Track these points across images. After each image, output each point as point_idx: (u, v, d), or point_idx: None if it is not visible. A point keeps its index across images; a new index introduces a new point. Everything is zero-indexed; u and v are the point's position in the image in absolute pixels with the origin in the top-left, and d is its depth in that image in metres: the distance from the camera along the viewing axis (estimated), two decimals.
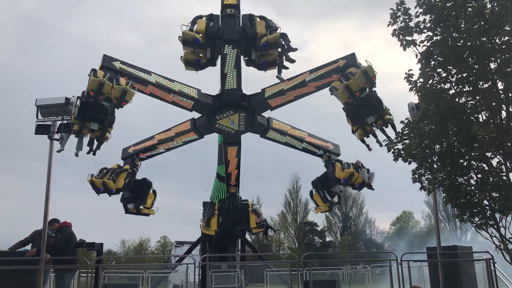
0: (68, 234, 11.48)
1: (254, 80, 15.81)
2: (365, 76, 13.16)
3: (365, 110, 13.69)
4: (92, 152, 13.68)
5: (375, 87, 13.51)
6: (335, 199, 15.97)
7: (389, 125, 13.66)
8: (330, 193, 15.86)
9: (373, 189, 15.18)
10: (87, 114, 13.02)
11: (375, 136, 13.92)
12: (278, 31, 13.29)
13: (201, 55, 13.70)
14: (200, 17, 13.57)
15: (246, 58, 14.04)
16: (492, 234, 8.89)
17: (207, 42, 13.11)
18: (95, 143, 13.70)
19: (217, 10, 14.35)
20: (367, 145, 14.20)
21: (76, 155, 13.31)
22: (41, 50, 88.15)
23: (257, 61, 13.42)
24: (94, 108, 13.07)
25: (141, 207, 15.55)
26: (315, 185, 16.25)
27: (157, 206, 16.08)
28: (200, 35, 13.19)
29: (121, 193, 15.12)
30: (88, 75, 12.92)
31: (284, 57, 13.85)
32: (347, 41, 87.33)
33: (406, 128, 9.57)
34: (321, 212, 16.77)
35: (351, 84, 13.11)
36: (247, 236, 20.10)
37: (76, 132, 13.09)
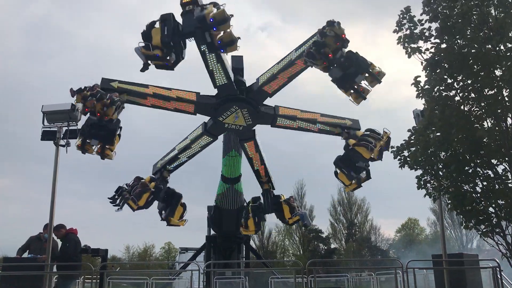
0: (75, 241, 11.54)
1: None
2: (335, 36, 12.85)
3: (351, 72, 13.24)
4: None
5: (347, 44, 13.11)
6: (363, 174, 15.20)
7: (382, 79, 13.28)
8: (355, 169, 15.18)
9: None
10: (89, 132, 13.30)
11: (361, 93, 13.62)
12: (223, 7, 12.93)
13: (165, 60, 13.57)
14: (153, 24, 13.21)
15: (206, 48, 13.44)
16: (498, 242, 8.84)
17: (167, 50, 13.06)
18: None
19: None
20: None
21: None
22: (49, 55, 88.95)
23: (215, 44, 13.05)
24: (96, 126, 13.26)
25: (169, 218, 16.05)
26: (337, 164, 15.47)
27: (186, 219, 16.55)
28: (158, 49, 13.02)
29: (155, 202, 15.79)
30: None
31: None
32: (354, 47, 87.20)
33: (412, 136, 9.55)
34: (352, 191, 16.19)
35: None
36: (252, 243, 20.10)
37: (80, 148, 13.28)
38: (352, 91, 13.54)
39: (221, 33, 12.79)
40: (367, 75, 13.20)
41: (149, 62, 13.24)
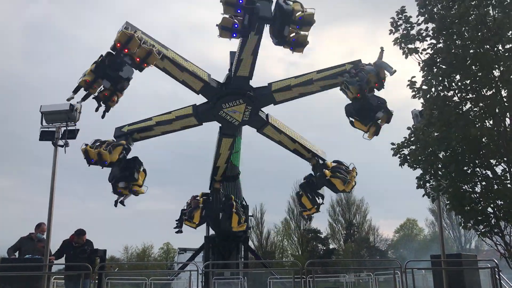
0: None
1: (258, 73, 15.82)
2: (377, 76, 13.26)
3: (371, 108, 13.96)
4: (102, 115, 13.62)
5: (383, 88, 13.59)
6: (379, 114, 15.15)
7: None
8: (317, 195, 16.11)
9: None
10: (104, 72, 12.87)
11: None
12: (314, 11, 13.11)
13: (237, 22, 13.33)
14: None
15: (275, 39, 13.57)
16: (497, 242, 8.84)
17: (248, 6, 12.80)
18: (101, 104, 13.58)
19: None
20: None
21: (68, 100, 12.70)
22: (48, 56, 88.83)
23: (288, 39, 13.17)
24: (114, 67, 12.90)
25: (131, 184, 15.16)
26: (303, 188, 16.40)
27: (147, 186, 15.56)
28: (238, 7, 12.91)
29: (110, 169, 14.90)
30: (118, 32, 12.74)
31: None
32: (354, 48, 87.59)
33: (412, 135, 9.55)
34: (310, 215, 16.83)
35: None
36: (250, 243, 20.07)
37: (87, 84, 12.89)
38: (369, 126, 14.05)
39: (297, 33, 13.05)
40: (383, 113, 13.78)
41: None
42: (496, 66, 8.58)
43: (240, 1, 12.69)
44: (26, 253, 11.23)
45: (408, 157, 9.34)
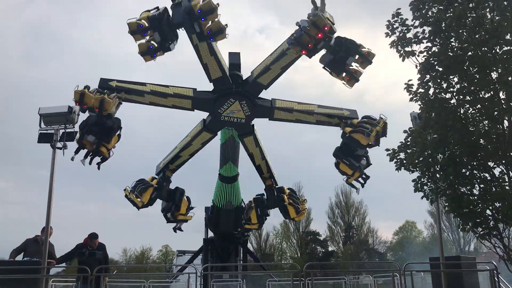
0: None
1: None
2: (315, 27, 13.08)
3: (342, 55, 13.59)
4: (87, 162, 14.09)
5: (333, 34, 13.33)
6: (363, 161, 15.49)
7: (372, 60, 13.61)
8: (355, 158, 15.44)
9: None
10: (158, 25, 13.37)
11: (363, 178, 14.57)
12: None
13: (152, 42, 13.85)
14: (147, 11, 13.73)
15: (196, 38, 13.69)
16: (496, 244, 8.84)
17: (151, 25, 13.41)
18: (90, 156, 14.14)
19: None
20: (357, 188, 14.67)
21: (72, 159, 13.62)
22: (47, 59, 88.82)
23: (204, 33, 13.33)
24: (96, 123, 13.42)
25: (176, 214, 16.33)
26: (337, 155, 15.73)
27: (193, 212, 16.82)
28: (143, 20, 13.44)
29: (160, 203, 16.21)
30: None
31: None
32: None
33: (409, 138, 9.55)
34: (355, 180, 16.08)
35: (300, 38, 13.18)
36: (249, 246, 20.07)
37: (77, 140, 13.38)
38: (344, 74, 13.84)
39: (209, 23, 13.10)
40: (357, 57, 13.50)
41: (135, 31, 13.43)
42: (494, 68, 8.59)
43: (141, 25, 13.26)
44: (31, 255, 11.22)
45: (404, 161, 9.33)
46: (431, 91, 9.00)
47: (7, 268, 10.70)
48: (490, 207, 8.66)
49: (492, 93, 8.62)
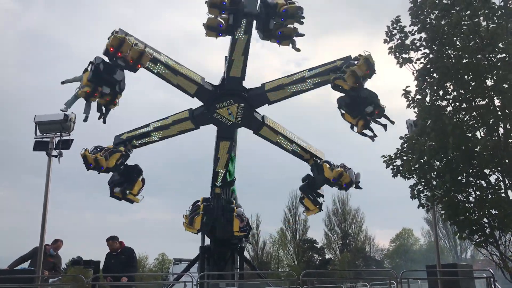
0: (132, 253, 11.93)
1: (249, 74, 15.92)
2: (366, 63, 13.33)
3: (362, 102, 13.85)
4: (102, 119, 13.69)
5: (375, 73, 13.61)
6: (322, 199, 16.21)
7: (383, 116, 13.80)
8: (317, 194, 16.05)
9: (360, 188, 15.46)
10: (100, 78, 12.97)
11: (370, 129, 14.18)
12: (297, 3, 13.37)
13: (223, 21, 13.63)
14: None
15: (261, 33, 13.82)
16: (492, 252, 8.83)
17: (232, 7, 13.12)
18: (103, 109, 13.67)
19: None
20: (370, 136, 14.35)
21: (85, 120, 13.11)
22: (43, 65, 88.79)
23: (274, 32, 13.42)
24: (108, 72, 13.04)
25: (127, 192, 15.27)
26: (304, 190, 16.36)
27: (142, 195, 15.70)
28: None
29: (110, 173, 15.03)
30: (108, 38, 12.92)
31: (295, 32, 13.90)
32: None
33: (405, 144, 9.57)
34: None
35: (356, 69, 13.29)
36: (246, 253, 19.93)
37: (87, 95, 12.95)
38: (358, 118, 14.02)
39: (283, 26, 13.24)
40: (374, 107, 13.73)
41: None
42: (489, 76, 8.64)
43: (224, 3, 12.96)
44: (35, 265, 11.10)
45: (400, 168, 9.35)
46: (427, 98, 9.04)
47: (1, 277, 10.60)
48: (487, 215, 8.67)
49: (487, 100, 8.67)
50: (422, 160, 8.99)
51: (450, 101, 8.97)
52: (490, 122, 8.64)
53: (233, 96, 14.85)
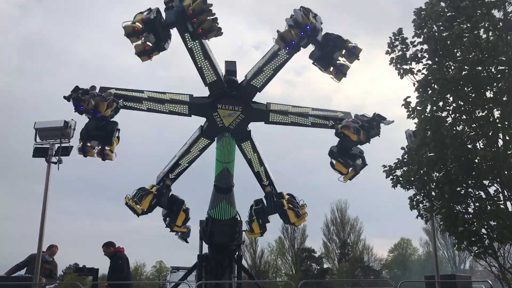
0: (126, 259, 11.94)
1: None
2: (298, 26, 13.28)
3: (329, 50, 13.60)
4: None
5: (316, 33, 13.56)
6: (359, 161, 15.24)
7: (359, 55, 13.81)
8: (350, 156, 15.82)
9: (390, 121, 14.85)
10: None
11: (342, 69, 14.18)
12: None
13: (147, 43, 13.92)
14: (141, 13, 13.84)
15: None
16: (491, 263, 8.82)
17: (146, 27, 13.40)
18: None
19: None
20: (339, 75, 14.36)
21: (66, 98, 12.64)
22: (42, 72, 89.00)
23: (196, 32, 13.58)
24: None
25: (172, 225, 15.95)
26: (332, 154, 16.02)
27: (189, 225, 16.54)
28: (137, 23, 13.49)
29: (160, 210, 15.67)
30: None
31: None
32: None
33: (405, 155, 9.59)
34: (349, 180, 16.28)
35: (284, 34, 13.29)
36: (244, 262, 19.87)
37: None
38: (332, 69, 14.06)
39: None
40: (344, 51, 13.75)
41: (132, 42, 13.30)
42: (489, 87, 8.68)
43: (136, 28, 13.17)
44: (32, 272, 11.07)
45: (400, 179, 9.36)
46: (428, 109, 9.08)
47: None
48: (485, 226, 8.66)
49: (487, 112, 8.70)
50: (421, 171, 8.99)
51: (450, 112, 9.00)
52: (490, 134, 8.66)
53: (225, 99, 15.00)
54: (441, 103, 8.99)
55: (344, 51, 13.70)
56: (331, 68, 13.99)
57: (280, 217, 16.47)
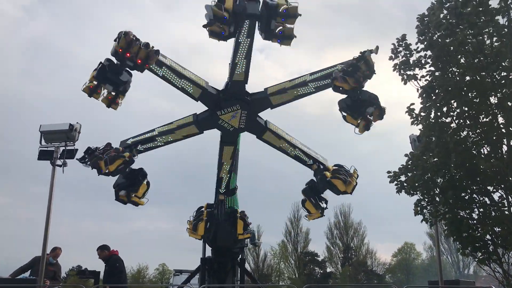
0: (122, 262, 11.91)
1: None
2: (366, 63, 13.43)
3: (363, 104, 13.98)
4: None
5: (375, 74, 13.74)
6: (324, 204, 15.97)
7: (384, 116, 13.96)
8: (320, 199, 16.05)
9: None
10: (105, 77, 13.24)
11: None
12: (297, 5, 13.69)
13: (225, 29, 13.97)
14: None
15: (263, 35, 14.16)
16: (495, 269, 8.79)
17: (233, 19, 13.49)
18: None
19: None
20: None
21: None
22: (47, 74, 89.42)
23: (275, 32, 13.71)
24: (114, 72, 13.32)
25: (132, 195, 15.29)
26: (306, 193, 16.33)
27: (147, 198, 15.85)
28: (227, 12, 13.58)
29: (116, 176, 15.06)
30: (115, 40, 13.28)
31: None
32: None
33: (410, 161, 9.59)
34: (313, 219, 16.63)
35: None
36: (247, 266, 19.83)
37: (90, 90, 13.14)
38: (360, 120, 14.18)
39: (286, 26, 13.48)
40: (375, 108, 13.91)
41: (211, 22, 13.45)
42: (493, 93, 8.68)
43: (225, 17, 13.29)
44: (37, 274, 11.10)
45: (405, 184, 9.36)
46: (432, 115, 9.08)
47: (3, 286, 10.60)
48: (490, 232, 8.64)
49: (491, 117, 8.70)
50: (425, 177, 8.99)
51: (454, 118, 9.00)
52: (494, 139, 8.64)
53: (237, 101, 15.00)
54: (445, 109, 9.00)
55: (375, 107, 13.95)
56: (359, 120, 14.22)
57: (331, 190, 16.15)
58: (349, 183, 15.16)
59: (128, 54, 12.98)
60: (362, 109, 14.20)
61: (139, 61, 13.12)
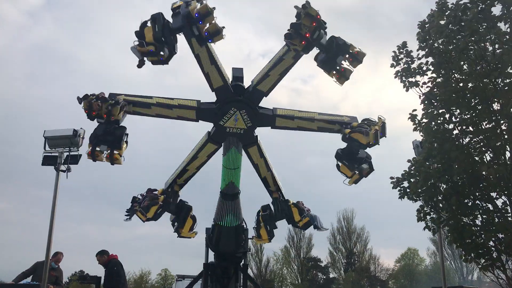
0: (121, 265, 12.03)
1: None
2: (309, 17, 13.30)
3: (358, 159, 14.14)
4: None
5: (325, 24, 13.65)
6: (365, 165, 15.09)
7: (362, 59, 13.85)
8: (356, 160, 15.23)
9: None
10: (98, 138, 13.22)
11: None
12: (205, 1, 13.68)
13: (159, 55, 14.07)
14: (145, 23, 13.96)
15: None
16: (499, 276, 8.76)
17: (160, 45, 13.61)
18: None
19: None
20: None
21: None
22: (51, 79, 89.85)
23: (203, 36, 13.73)
24: (104, 133, 13.47)
25: (180, 230, 16.09)
26: (338, 156, 16.00)
27: (196, 231, 16.50)
28: (151, 45, 13.66)
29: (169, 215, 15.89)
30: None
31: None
32: (355, 75, 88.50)
33: (413, 167, 9.59)
34: (354, 183, 16.21)
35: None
36: (249, 271, 19.85)
37: (92, 156, 13.29)
38: (334, 72, 14.15)
39: (207, 25, 13.44)
40: (347, 56, 13.84)
41: (145, 58, 13.61)
42: (496, 100, 8.69)
43: (151, 51, 13.22)
44: (39, 279, 11.13)
45: (408, 190, 9.37)
46: (433, 122, 9.10)
47: None
48: (493, 238, 8.62)
49: (494, 124, 8.70)
50: (428, 183, 8.99)
51: (457, 124, 9.01)
52: (497, 146, 8.64)
53: (231, 104, 15.07)
54: (447, 115, 9.01)
55: (347, 55, 13.82)
56: (334, 72, 14.13)
57: (287, 221, 16.37)
58: (366, 132, 14.74)
59: (93, 113, 13.04)
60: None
61: (104, 116, 13.21)
